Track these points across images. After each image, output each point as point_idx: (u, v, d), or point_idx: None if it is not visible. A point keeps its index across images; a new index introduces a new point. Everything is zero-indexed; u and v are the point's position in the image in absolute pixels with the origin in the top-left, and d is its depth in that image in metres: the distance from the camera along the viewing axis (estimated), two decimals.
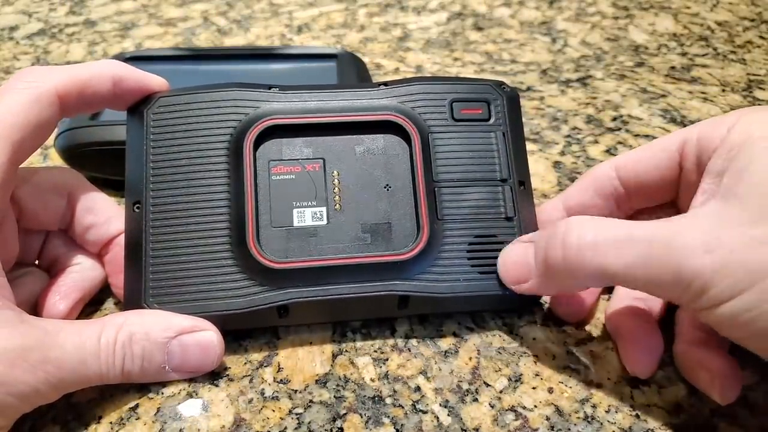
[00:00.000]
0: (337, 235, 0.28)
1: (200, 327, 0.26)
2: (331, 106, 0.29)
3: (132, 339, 0.24)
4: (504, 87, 0.31)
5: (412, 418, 0.25)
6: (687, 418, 0.25)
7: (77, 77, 0.26)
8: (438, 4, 0.62)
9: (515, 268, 0.27)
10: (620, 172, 0.28)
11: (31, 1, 0.62)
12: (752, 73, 0.50)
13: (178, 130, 0.28)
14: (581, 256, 0.23)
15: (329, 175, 0.28)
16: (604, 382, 0.27)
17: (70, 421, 0.25)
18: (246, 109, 0.28)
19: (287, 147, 0.29)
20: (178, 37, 0.55)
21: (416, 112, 0.29)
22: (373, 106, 0.29)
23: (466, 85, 0.31)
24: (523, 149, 0.30)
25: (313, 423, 0.25)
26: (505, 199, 0.29)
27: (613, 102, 0.46)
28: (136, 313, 0.25)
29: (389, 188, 0.28)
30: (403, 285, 0.27)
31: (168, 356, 0.25)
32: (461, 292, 0.28)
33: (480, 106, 0.30)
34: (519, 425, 0.25)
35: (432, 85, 0.30)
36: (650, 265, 0.22)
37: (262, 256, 0.26)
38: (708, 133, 0.25)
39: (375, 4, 0.62)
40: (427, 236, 0.28)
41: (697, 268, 0.21)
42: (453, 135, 0.29)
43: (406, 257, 0.27)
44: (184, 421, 0.25)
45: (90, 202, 0.29)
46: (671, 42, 0.55)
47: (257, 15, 0.60)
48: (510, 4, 0.62)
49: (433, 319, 0.29)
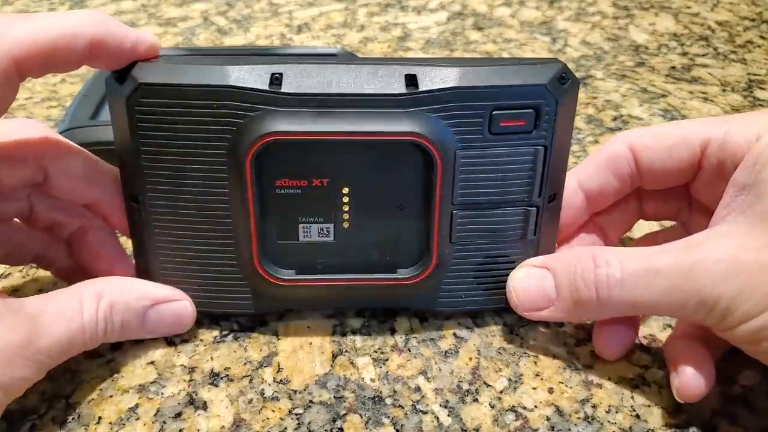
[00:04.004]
0: (343, 253, 0.27)
1: (176, 297, 0.27)
2: (343, 124, 0.24)
3: (113, 309, 0.25)
4: (564, 79, 0.24)
5: (412, 418, 0.25)
6: (687, 418, 0.25)
7: (42, 43, 0.22)
8: (438, 4, 0.62)
9: (530, 297, 0.26)
10: (637, 154, 0.27)
11: (31, 1, 0.62)
12: (753, 73, 0.50)
13: (169, 129, 0.24)
14: (612, 293, 0.24)
15: (338, 190, 0.26)
16: (604, 382, 0.27)
17: (70, 421, 0.25)
18: (246, 113, 0.24)
19: (292, 162, 0.25)
20: (177, 36, 0.55)
21: (445, 125, 0.24)
22: (394, 127, 0.24)
23: (515, 87, 0.24)
24: (565, 160, 0.26)
25: (313, 423, 0.25)
26: (529, 222, 0.27)
27: (613, 102, 0.46)
28: (112, 280, 0.26)
29: (402, 209, 0.26)
30: (405, 302, 0.28)
31: (144, 322, 0.26)
32: (462, 307, 0.28)
33: (526, 115, 0.24)
34: (519, 425, 0.25)
35: (471, 91, 0.24)
36: (675, 296, 0.23)
37: (267, 273, 0.26)
38: (734, 137, 0.25)
39: (375, 4, 0.62)
40: (436, 261, 0.27)
41: (719, 294, 0.22)
42: (485, 153, 0.25)
43: (412, 282, 0.27)
44: (183, 422, 0.25)
45: (63, 161, 0.27)
46: (671, 42, 0.55)
47: (257, 15, 0.60)
48: (510, 4, 0.62)
49: (433, 319, 0.29)
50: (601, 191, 0.28)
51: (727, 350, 0.26)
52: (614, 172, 0.28)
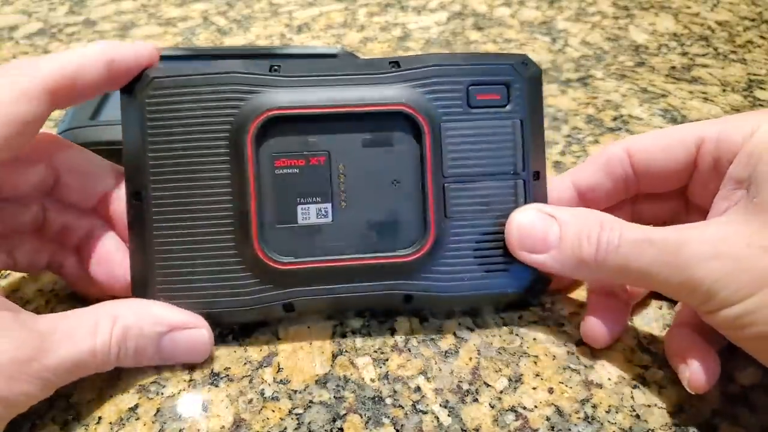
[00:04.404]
0: (342, 234, 0.27)
1: (192, 324, 0.26)
2: (336, 95, 0.27)
3: (126, 335, 0.24)
4: (526, 64, 0.29)
5: (412, 418, 0.25)
6: (687, 418, 0.25)
7: (67, 68, 0.24)
8: (438, 4, 0.62)
9: (530, 236, 0.26)
10: (633, 157, 0.28)
11: (31, 1, 0.62)
12: (753, 73, 0.50)
13: (176, 117, 0.27)
14: (608, 256, 0.24)
15: (334, 169, 0.28)
16: (604, 382, 0.27)
17: (70, 421, 0.25)
18: (247, 96, 0.27)
19: (290, 139, 0.27)
20: (177, 37, 0.55)
21: (429, 99, 0.28)
22: (383, 96, 0.27)
23: (486, 65, 0.29)
24: (541, 136, 0.29)
25: (313, 423, 0.25)
26: (518, 194, 0.28)
27: (613, 102, 0.46)
28: (129, 303, 0.26)
29: (397, 183, 0.28)
30: (407, 285, 0.28)
31: (159, 350, 0.26)
32: (465, 291, 0.28)
33: (498, 90, 0.28)
34: (519, 425, 0.25)
35: (448, 67, 0.28)
36: (661, 269, 0.23)
37: (268, 257, 0.27)
38: (729, 134, 0.25)
39: (375, 4, 0.62)
40: (434, 236, 0.27)
41: (704, 274, 0.22)
42: (467, 124, 0.28)
43: (411, 259, 0.27)
44: (183, 422, 0.25)
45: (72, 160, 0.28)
46: (671, 42, 0.55)
47: (257, 15, 0.60)
48: (510, 4, 0.62)
49: (433, 319, 0.29)
50: (593, 190, 0.29)
51: (726, 349, 0.26)
52: (607, 173, 0.29)
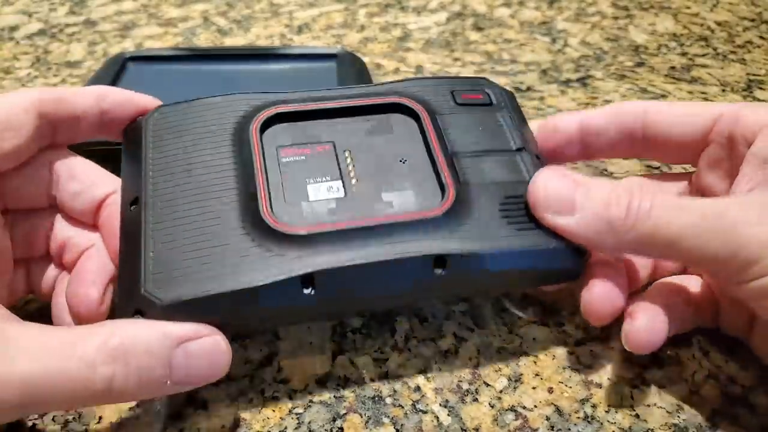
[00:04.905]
0: (358, 203, 0.25)
1: (204, 332, 0.22)
2: (336, 94, 0.29)
3: (126, 353, 0.20)
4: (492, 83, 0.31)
5: (412, 418, 0.25)
6: (687, 418, 0.25)
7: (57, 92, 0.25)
8: (438, 4, 0.62)
9: (556, 196, 0.25)
10: (648, 117, 0.28)
11: (31, 1, 0.62)
12: (752, 73, 0.50)
13: (179, 128, 0.27)
14: (638, 220, 0.23)
15: (341, 154, 0.27)
16: (604, 382, 0.27)
17: (70, 421, 0.25)
18: (250, 104, 0.28)
19: (294, 132, 0.28)
20: (178, 37, 0.55)
21: (420, 98, 0.29)
22: (378, 91, 0.29)
23: (461, 79, 0.32)
24: (530, 133, 0.30)
25: (313, 423, 0.25)
26: (525, 163, 0.27)
27: (613, 102, 0.46)
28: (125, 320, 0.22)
29: (405, 161, 0.27)
30: (439, 244, 0.24)
31: (171, 368, 0.21)
32: (506, 248, 0.25)
33: (480, 92, 0.30)
34: (519, 425, 0.25)
35: (431, 80, 0.31)
36: (700, 233, 0.22)
37: (278, 222, 0.24)
38: (753, 109, 0.25)
39: (375, 4, 0.62)
40: (454, 195, 0.25)
41: (748, 238, 0.21)
42: (459, 115, 0.29)
43: (436, 214, 0.25)
44: (184, 421, 0.25)
45: (70, 167, 0.27)
46: (671, 42, 0.55)
47: (257, 15, 0.60)
48: (510, 4, 0.62)
49: (433, 319, 0.29)
50: (597, 135, 0.29)
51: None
52: (617, 123, 0.28)
